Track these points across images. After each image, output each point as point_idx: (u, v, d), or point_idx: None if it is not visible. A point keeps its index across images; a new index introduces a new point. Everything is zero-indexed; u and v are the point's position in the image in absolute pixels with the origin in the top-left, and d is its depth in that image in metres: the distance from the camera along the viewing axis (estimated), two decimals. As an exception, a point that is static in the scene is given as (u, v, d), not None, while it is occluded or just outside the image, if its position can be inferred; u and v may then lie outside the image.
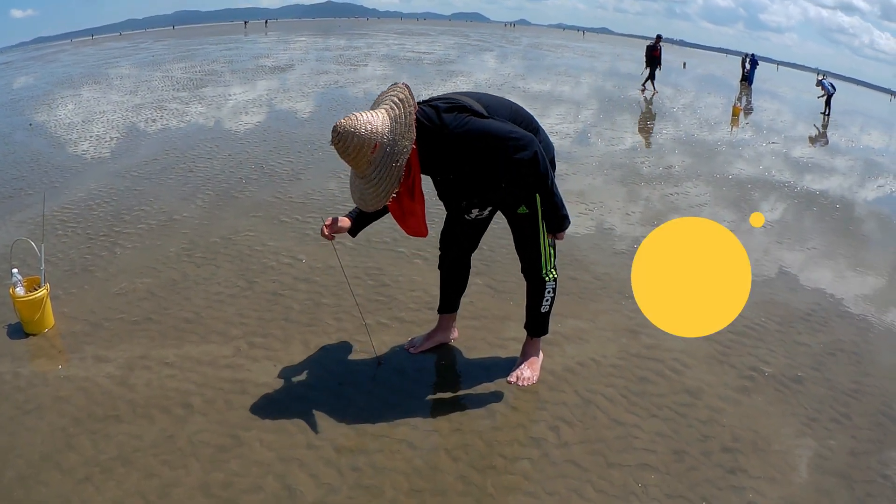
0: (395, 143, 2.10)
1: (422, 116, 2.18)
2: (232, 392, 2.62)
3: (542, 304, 2.70)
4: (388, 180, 2.12)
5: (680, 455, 2.44)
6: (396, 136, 2.11)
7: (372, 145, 2.09)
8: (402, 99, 2.17)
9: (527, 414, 2.62)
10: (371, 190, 2.15)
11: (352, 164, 2.15)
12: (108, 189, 5.39)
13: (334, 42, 28.55)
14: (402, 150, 2.11)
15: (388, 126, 2.12)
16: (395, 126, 2.12)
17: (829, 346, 3.48)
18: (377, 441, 2.38)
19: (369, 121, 2.10)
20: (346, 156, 2.12)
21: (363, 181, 2.17)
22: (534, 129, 2.41)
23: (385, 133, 2.10)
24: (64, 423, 2.44)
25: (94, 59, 20.93)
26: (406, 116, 2.12)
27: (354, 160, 2.12)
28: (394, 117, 2.13)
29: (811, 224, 5.86)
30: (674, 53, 52.56)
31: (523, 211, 2.48)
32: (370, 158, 2.11)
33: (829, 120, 15.47)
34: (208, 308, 3.32)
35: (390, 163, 2.11)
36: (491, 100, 2.37)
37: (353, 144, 2.08)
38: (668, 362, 3.12)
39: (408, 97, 2.17)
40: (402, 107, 2.14)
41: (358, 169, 2.15)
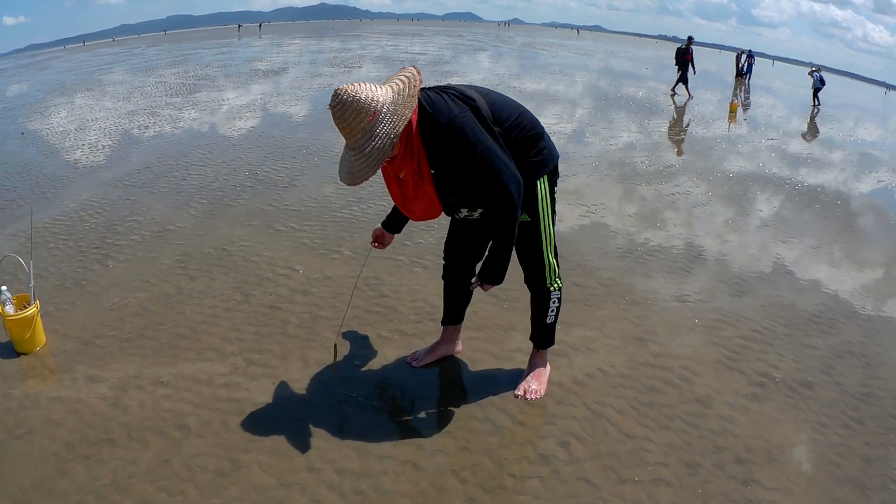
0: (395, 113, 2.05)
1: (423, 98, 2.14)
2: (229, 412, 2.52)
3: (547, 315, 2.62)
4: (381, 149, 2.05)
5: (693, 468, 2.37)
6: (397, 106, 2.06)
7: (370, 113, 2.02)
8: (409, 76, 2.13)
9: (535, 429, 2.53)
10: (361, 161, 2.07)
11: (346, 132, 2.08)
12: (100, 199, 5.29)
13: (328, 44, 28.47)
14: (401, 117, 2.05)
15: (389, 97, 2.06)
16: (396, 98, 2.07)
17: (837, 348, 3.41)
18: (381, 463, 2.29)
19: (371, 89, 2.06)
20: (342, 121, 2.05)
21: (354, 153, 2.09)
22: (538, 133, 2.33)
23: (385, 103, 2.05)
24: (56, 447, 2.34)
25: (88, 65, 20.80)
26: (410, 89, 2.08)
27: (349, 127, 2.05)
28: (397, 90, 2.09)
29: (813, 221, 5.80)
30: (668, 50, 52.65)
31: (524, 219, 2.39)
32: (365, 126, 2.04)
33: (817, 111, 15.48)
34: (203, 323, 3.23)
35: (387, 131, 2.04)
36: (498, 98, 2.30)
37: (351, 109, 2.02)
38: (677, 370, 3.05)
39: (415, 75, 2.14)
40: (408, 81, 2.11)
41: (351, 138, 2.08)
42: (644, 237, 4.89)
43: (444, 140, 2.10)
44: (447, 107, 2.11)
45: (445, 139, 2.10)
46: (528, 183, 2.30)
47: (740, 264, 4.51)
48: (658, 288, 3.96)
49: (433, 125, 2.09)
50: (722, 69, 30.34)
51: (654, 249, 4.64)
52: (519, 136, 2.26)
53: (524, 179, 2.25)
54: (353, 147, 2.08)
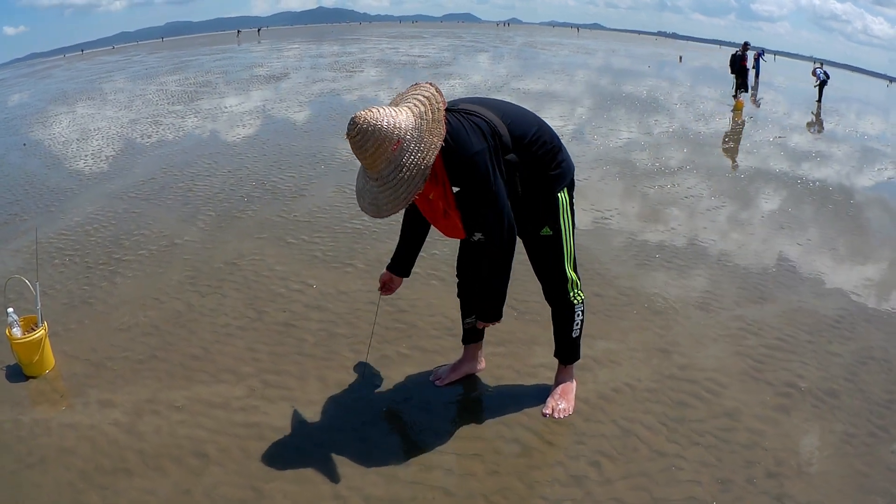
0: (422, 140, 1.92)
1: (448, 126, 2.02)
2: (248, 438, 2.44)
3: (573, 330, 2.55)
4: (411, 181, 1.92)
5: (726, 485, 2.31)
6: (422, 132, 1.93)
7: (394, 141, 1.90)
8: (428, 96, 2.01)
9: (565, 449, 2.45)
10: (388, 193, 1.95)
11: (367, 163, 1.94)
12: (105, 212, 5.21)
13: (328, 48, 28.44)
14: (429, 146, 1.92)
15: (411, 122, 1.94)
16: (419, 123, 1.94)
17: (859, 354, 3.35)
18: (410, 489, 2.21)
19: (392, 115, 1.92)
20: (363, 152, 1.92)
21: (377, 183, 1.96)
22: (557, 146, 2.27)
23: (409, 129, 1.92)
24: (70, 477, 2.26)
25: (88, 73, 20.78)
26: (434, 112, 1.96)
27: (372, 157, 1.92)
28: (418, 114, 1.96)
29: (828, 222, 5.70)
30: (668, 47, 52.61)
31: (546, 233, 2.32)
32: (390, 156, 1.91)
33: (820, 107, 15.40)
34: (216, 343, 3.15)
35: (416, 162, 1.92)
36: (515, 111, 2.23)
37: (373, 139, 1.89)
38: (704, 383, 2.97)
39: (434, 94, 2.02)
40: (429, 104, 1.98)
41: (374, 168, 1.95)
42: (660, 242, 4.80)
43: (462, 168, 2.02)
44: (468, 139, 2.01)
45: (463, 168, 2.02)
46: (551, 196, 2.26)
47: (758, 269, 4.42)
48: (678, 296, 3.88)
49: (452, 154, 2.00)
50: (724, 66, 30.21)
51: (672, 255, 4.55)
52: (539, 151, 2.20)
53: (546, 193, 2.24)
54: (377, 178, 1.96)
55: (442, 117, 1.96)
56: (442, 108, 1.98)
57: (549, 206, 2.27)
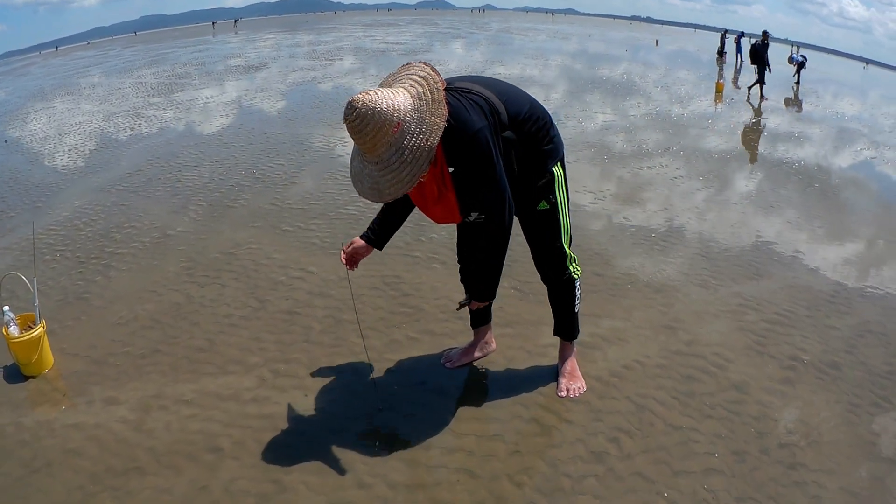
0: (423, 122, 1.86)
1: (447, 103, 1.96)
2: (262, 430, 2.39)
3: (574, 305, 2.55)
4: (415, 163, 1.87)
5: (741, 455, 2.36)
6: (423, 113, 1.87)
7: (394, 124, 1.83)
8: (424, 76, 1.94)
9: (583, 427, 2.45)
10: (390, 176, 1.88)
11: (367, 147, 1.87)
12: (93, 206, 5.08)
13: (304, 38, 28.04)
14: (432, 127, 1.87)
15: (410, 103, 1.87)
16: (418, 104, 1.88)
17: (857, 328, 3.42)
18: (433, 473, 2.19)
19: (390, 97, 1.85)
20: (362, 136, 1.84)
21: (378, 167, 1.89)
22: (548, 122, 2.26)
23: (409, 111, 1.86)
24: (80, 480, 2.18)
25: (65, 69, 20.21)
26: (433, 93, 1.90)
27: (372, 141, 1.85)
28: (416, 94, 1.89)
29: (815, 201, 5.79)
30: (644, 31, 52.85)
31: (543, 207, 2.30)
32: (391, 139, 1.85)
33: (799, 88, 15.57)
34: (221, 333, 3.08)
35: (419, 143, 1.86)
36: (508, 89, 2.20)
37: (373, 122, 1.82)
38: (710, 357, 3.01)
39: (431, 74, 1.95)
40: (426, 84, 1.92)
41: (374, 152, 1.88)
42: (655, 223, 4.82)
43: (463, 147, 1.98)
44: (469, 116, 1.96)
45: (464, 147, 1.97)
46: (545, 170, 2.25)
47: (751, 247, 4.47)
48: (677, 274, 3.91)
49: (453, 133, 1.95)
50: (701, 49, 30.43)
51: (666, 235, 4.58)
52: (532, 127, 2.18)
53: (541, 168, 2.24)
54: (377, 161, 1.90)
55: (442, 97, 1.91)
56: (441, 88, 1.92)
57: (545, 181, 2.26)
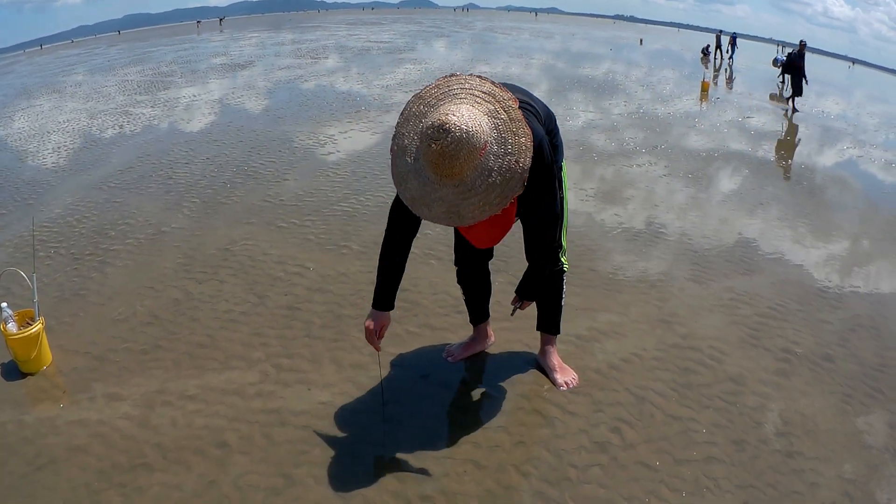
0: (506, 143, 1.78)
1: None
2: (269, 424, 2.39)
3: (561, 297, 2.60)
4: (505, 186, 1.77)
5: (740, 444, 2.42)
6: (502, 133, 1.78)
7: (482, 146, 1.74)
8: (489, 91, 1.84)
9: (585, 418, 2.49)
10: (475, 199, 1.78)
11: (454, 171, 1.75)
12: (86, 203, 5.02)
13: (288, 36, 27.86)
14: (519, 148, 1.78)
15: (487, 122, 1.78)
16: (495, 122, 1.79)
17: (848, 321, 3.50)
18: (441, 464, 2.21)
19: (475, 117, 1.75)
20: (453, 161, 1.72)
21: (458, 190, 1.78)
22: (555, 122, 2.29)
23: (489, 131, 1.77)
24: (86, 477, 2.16)
25: (50, 68, 19.85)
26: (508, 111, 1.81)
27: (461, 166, 1.74)
28: (489, 112, 1.80)
29: (803, 199, 5.90)
30: (627, 30, 53.24)
31: None
32: (478, 162, 1.75)
33: (784, 87, 15.77)
34: (221, 329, 3.07)
35: (507, 165, 1.77)
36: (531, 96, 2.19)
37: (467, 147, 1.71)
38: (706, 350, 3.07)
39: (495, 90, 1.85)
40: (495, 101, 1.82)
41: (458, 176, 1.76)
42: (645, 220, 4.89)
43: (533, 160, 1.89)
44: (535, 127, 1.92)
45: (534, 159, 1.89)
46: (559, 167, 2.32)
47: (742, 243, 4.55)
48: (670, 270, 3.97)
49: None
50: (684, 48, 30.74)
51: (659, 231, 4.65)
52: (551, 126, 2.22)
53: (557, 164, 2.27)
54: (459, 185, 1.78)
55: (521, 116, 1.82)
56: (515, 105, 1.84)
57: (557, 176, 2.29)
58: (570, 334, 3.04)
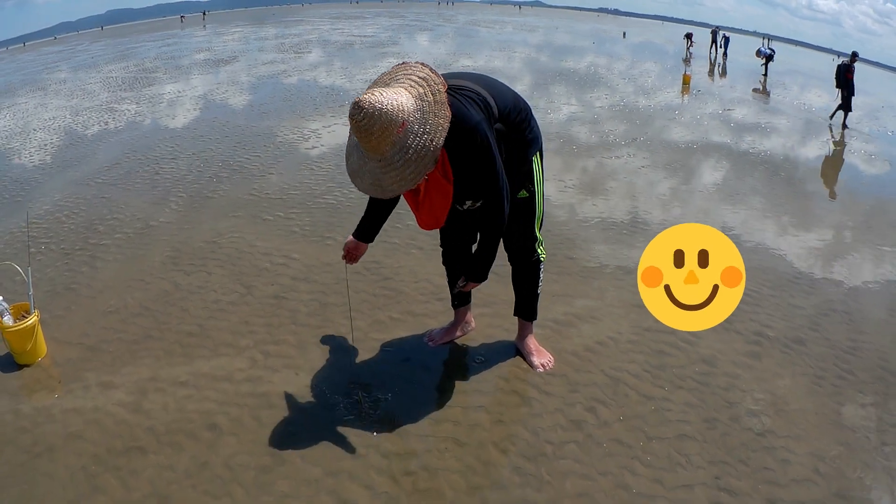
0: (426, 122, 1.93)
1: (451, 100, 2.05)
2: (258, 407, 2.49)
3: (537, 286, 2.69)
4: (419, 162, 1.93)
5: (711, 423, 2.51)
6: (426, 114, 1.94)
7: (399, 124, 1.89)
8: (424, 77, 2.01)
9: (562, 398, 2.60)
10: (393, 174, 1.95)
11: (371, 146, 1.93)
12: (74, 199, 5.06)
13: (272, 31, 27.73)
14: (436, 128, 1.93)
15: (413, 104, 1.93)
16: (420, 104, 1.94)
17: (821, 307, 3.61)
18: (423, 442, 2.32)
19: (394, 97, 1.90)
20: (368, 136, 1.89)
21: (380, 164, 1.96)
22: (529, 113, 2.38)
23: (412, 111, 1.92)
24: (83, 462, 2.23)
25: (34, 65, 19.64)
26: (435, 94, 1.96)
27: (377, 141, 1.90)
28: (417, 95, 1.95)
29: (779, 190, 6.03)
30: (610, 23, 53.45)
31: (523, 195, 2.43)
32: (395, 139, 1.91)
33: (766, 80, 16.00)
34: (210, 318, 3.16)
35: (423, 143, 1.92)
36: (495, 84, 2.30)
37: (379, 122, 1.87)
38: (680, 334, 3.14)
39: (430, 75, 2.02)
40: (427, 84, 1.98)
41: (377, 151, 1.93)
42: (623, 209, 5.01)
43: (465, 141, 2.05)
44: (467, 112, 2.05)
45: (466, 141, 2.05)
46: (526, 160, 2.37)
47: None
48: (647, 256, 4.07)
49: (454, 128, 2.01)
50: (668, 42, 30.96)
51: (635, 221, 4.77)
52: (517, 118, 2.30)
53: (522, 157, 2.34)
54: (380, 159, 1.96)
55: (444, 98, 1.97)
56: (442, 89, 1.98)
57: (525, 170, 2.38)
58: (548, 319, 3.14)
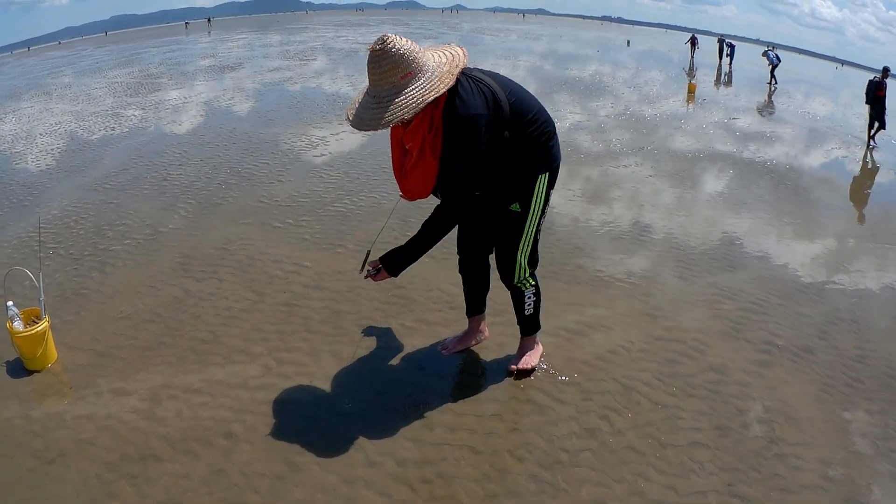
0: (429, 81, 2.04)
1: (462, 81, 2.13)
2: (273, 415, 2.49)
3: (525, 309, 2.67)
4: (403, 109, 2.03)
5: (723, 430, 2.53)
6: (433, 77, 2.06)
7: (406, 71, 2.03)
8: (454, 54, 2.16)
9: (575, 406, 2.61)
10: (376, 111, 2.06)
11: (374, 78, 2.06)
12: (82, 204, 5.08)
13: (276, 38, 27.85)
14: (433, 88, 2.04)
15: (429, 65, 2.07)
16: (434, 68, 2.07)
17: (828, 315, 3.63)
18: (439, 450, 2.32)
19: (418, 51, 2.07)
20: (376, 67, 2.04)
21: (373, 100, 2.09)
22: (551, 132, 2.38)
23: (424, 69, 2.06)
24: (96, 469, 2.23)
25: (39, 69, 19.71)
26: (451, 67, 2.09)
27: (381, 75, 2.04)
28: (437, 62, 2.10)
29: (786, 199, 6.04)
30: (614, 31, 53.68)
31: (515, 209, 2.39)
32: (395, 81, 2.04)
33: (774, 89, 16.04)
34: (222, 325, 3.16)
35: (415, 95, 2.03)
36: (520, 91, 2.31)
37: (390, 60, 2.02)
38: (690, 342, 3.19)
39: (459, 55, 2.16)
40: (451, 58, 2.12)
41: (376, 86, 2.07)
42: (630, 218, 5.02)
43: (457, 124, 2.12)
44: (474, 101, 2.11)
45: (458, 124, 2.11)
46: (531, 175, 2.35)
47: (725, 242, 4.68)
48: (655, 266, 4.09)
49: (456, 108, 2.10)
50: (673, 50, 31.06)
51: (645, 230, 4.77)
52: (535, 131, 2.30)
53: (529, 171, 2.34)
54: (375, 95, 2.08)
55: (456, 72, 2.09)
56: (460, 66, 2.12)
57: (526, 184, 2.36)
58: (559, 328, 3.16)
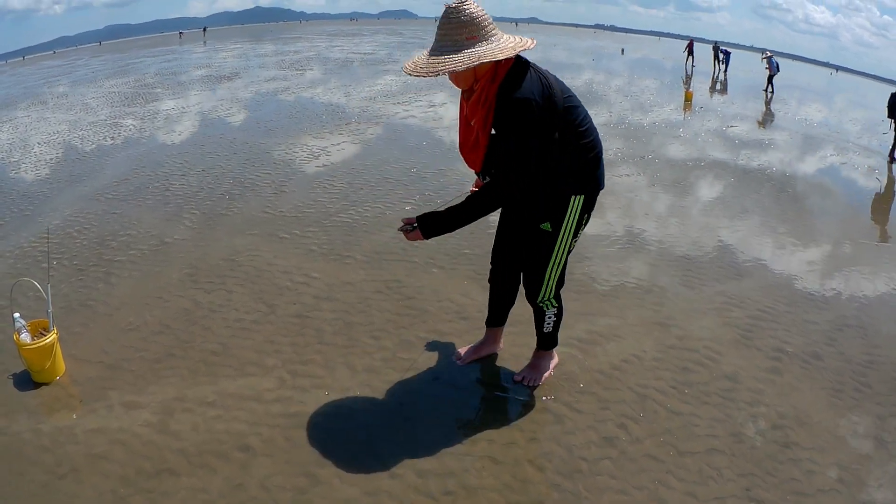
0: (489, 50, 2.09)
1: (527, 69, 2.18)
2: (290, 427, 2.46)
3: (544, 326, 2.67)
4: (455, 63, 2.09)
5: (738, 436, 2.55)
6: (494, 48, 2.10)
7: (471, 34, 2.10)
8: (522, 39, 2.19)
9: (592, 415, 2.61)
10: (432, 60, 2.13)
11: (441, 32, 2.13)
12: (84, 214, 5.03)
13: (271, 48, 27.87)
14: (489, 54, 2.08)
15: (496, 37, 2.13)
16: (499, 41, 2.13)
17: (835, 322, 3.65)
18: (460, 461, 2.30)
19: (491, 22, 2.14)
20: (445, 21, 2.11)
21: (432, 52, 2.15)
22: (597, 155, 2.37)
23: (489, 36, 2.12)
24: (111, 484, 2.19)
25: (34, 78, 19.62)
26: (514, 44, 2.14)
27: (448, 30, 2.11)
28: (504, 38, 2.15)
29: (788, 206, 6.06)
30: (607, 39, 54.01)
31: (546, 228, 2.38)
32: (458, 39, 2.11)
33: (770, 97, 16.15)
34: (233, 337, 3.13)
35: (471, 54, 2.08)
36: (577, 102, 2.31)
37: (459, 21, 2.09)
38: (702, 351, 3.20)
39: (527, 41, 2.19)
40: (518, 40, 2.17)
41: (440, 40, 2.14)
42: (636, 228, 5.01)
43: (509, 108, 2.13)
44: (529, 86, 2.13)
45: (510, 108, 2.12)
46: (566, 195, 2.33)
47: (730, 250, 4.69)
48: (664, 276, 4.10)
49: (508, 91, 2.13)
50: (666, 58, 31.30)
51: (650, 239, 4.77)
52: (584, 143, 2.29)
53: (566, 188, 2.31)
54: (436, 49, 2.14)
55: (519, 50, 2.14)
56: (524, 48, 2.16)
57: (560, 203, 2.34)
58: (572, 338, 3.15)
